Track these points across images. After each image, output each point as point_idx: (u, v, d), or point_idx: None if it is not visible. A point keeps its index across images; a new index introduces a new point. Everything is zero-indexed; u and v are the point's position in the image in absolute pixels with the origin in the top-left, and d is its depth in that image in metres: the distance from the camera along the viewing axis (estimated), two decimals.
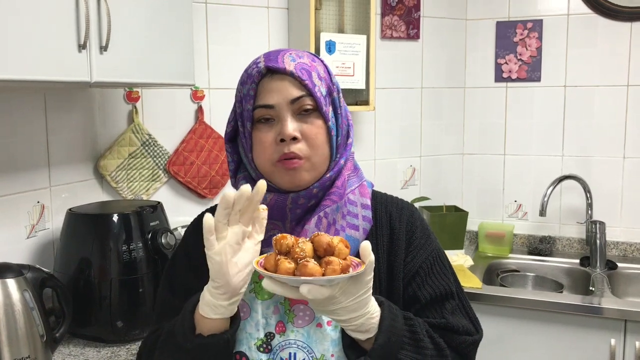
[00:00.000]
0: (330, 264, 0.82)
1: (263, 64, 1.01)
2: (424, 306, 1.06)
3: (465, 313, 1.09)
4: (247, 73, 1.04)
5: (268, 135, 1.01)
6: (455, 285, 1.11)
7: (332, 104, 1.05)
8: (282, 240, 0.86)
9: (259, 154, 1.03)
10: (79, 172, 1.92)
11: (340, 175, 1.07)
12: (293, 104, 1.00)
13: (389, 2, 2.48)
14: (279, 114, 1.00)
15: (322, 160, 1.03)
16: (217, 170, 2.17)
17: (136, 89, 2.03)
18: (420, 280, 1.07)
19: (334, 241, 0.85)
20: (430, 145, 2.70)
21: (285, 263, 0.83)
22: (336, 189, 1.05)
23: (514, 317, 2.06)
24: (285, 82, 1.00)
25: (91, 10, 1.34)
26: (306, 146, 1.01)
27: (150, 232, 1.67)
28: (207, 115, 2.17)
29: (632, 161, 2.49)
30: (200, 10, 2.13)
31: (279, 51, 1.04)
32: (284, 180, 1.02)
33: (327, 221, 1.03)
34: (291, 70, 1.00)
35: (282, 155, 1.00)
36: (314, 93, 1.00)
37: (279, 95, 1.00)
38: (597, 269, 2.36)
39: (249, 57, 2.29)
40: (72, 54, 1.31)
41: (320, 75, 1.03)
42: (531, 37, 2.58)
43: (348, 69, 2.23)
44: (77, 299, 1.59)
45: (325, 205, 1.03)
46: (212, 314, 0.92)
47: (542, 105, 2.61)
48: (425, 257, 1.09)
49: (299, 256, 0.83)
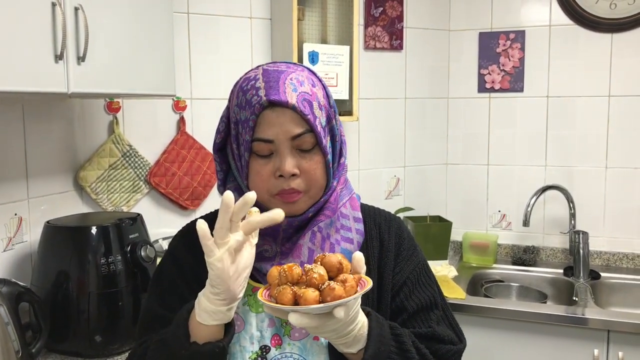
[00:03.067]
0: (347, 281, 0.83)
1: (264, 92, 0.97)
2: (410, 316, 1.07)
3: (449, 323, 1.11)
4: (245, 98, 0.99)
5: (266, 168, 0.99)
6: (439, 295, 1.13)
7: (330, 132, 1.04)
8: (293, 271, 0.85)
9: (256, 184, 1.01)
10: (58, 183, 1.89)
11: (333, 192, 1.07)
12: (293, 140, 0.98)
13: (372, 13, 2.48)
14: (278, 148, 0.98)
15: (319, 190, 1.03)
16: (199, 181, 2.15)
17: (117, 100, 2.01)
18: (407, 290, 1.09)
19: (341, 258, 0.86)
20: (414, 155, 2.71)
21: (310, 292, 0.82)
22: (329, 204, 1.06)
23: (498, 327, 2.05)
24: (287, 117, 0.97)
25: (68, 20, 1.32)
26: (304, 181, 1.00)
27: (129, 245, 1.65)
28: (189, 126, 2.16)
29: (614, 171, 2.51)
30: (182, 20, 2.12)
31: (279, 73, 1.00)
32: (281, 209, 1.01)
33: (322, 235, 1.03)
34: (293, 104, 0.96)
35: (281, 191, 0.99)
36: (314, 128, 0.98)
37: (279, 130, 0.97)
38: (581, 278, 2.37)
39: (231, 68, 2.29)
40: (49, 64, 1.29)
41: (320, 104, 1.01)
42: (514, 48, 2.60)
43: (331, 79, 2.23)
44: (55, 313, 1.57)
45: (319, 220, 1.04)
46: (210, 320, 0.91)
47: (525, 116, 2.62)
48: (412, 268, 1.11)
49: (320, 281, 0.83)
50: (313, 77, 1.05)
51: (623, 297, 2.35)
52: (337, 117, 1.06)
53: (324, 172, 1.03)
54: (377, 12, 2.49)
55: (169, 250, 1.16)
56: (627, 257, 2.50)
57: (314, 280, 0.83)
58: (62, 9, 1.30)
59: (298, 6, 2.14)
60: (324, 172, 1.03)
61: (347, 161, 1.12)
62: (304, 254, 1.02)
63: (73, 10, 1.34)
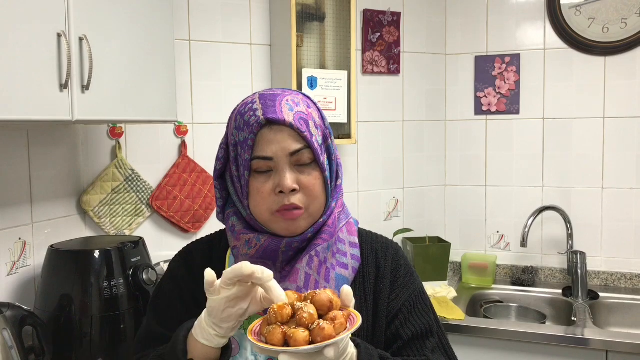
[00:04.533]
0: (336, 319, 0.83)
1: (261, 112, 1.00)
2: (405, 343, 1.07)
3: (444, 351, 1.11)
4: (243, 120, 1.02)
5: (266, 186, 1.02)
6: (435, 323, 1.13)
7: (327, 151, 1.07)
8: (284, 311, 0.85)
9: (257, 203, 1.03)
10: (62, 207, 1.92)
11: (331, 215, 1.09)
12: (292, 156, 1.01)
13: (370, 38, 2.53)
14: (278, 165, 1.01)
15: (319, 208, 1.05)
16: (200, 204, 2.18)
17: (120, 125, 2.05)
18: (403, 318, 1.09)
19: (331, 295, 0.86)
20: (412, 177, 2.74)
21: (299, 333, 0.81)
22: (327, 228, 1.07)
23: (497, 348, 2.06)
24: (285, 134, 1.00)
25: (73, 50, 1.36)
26: (304, 196, 1.02)
27: (131, 268, 1.67)
28: (190, 150, 2.19)
29: (611, 191, 2.53)
30: (184, 47, 2.17)
31: (275, 96, 1.03)
32: (281, 227, 1.03)
33: (319, 260, 1.04)
34: (290, 122, 1.00)
35: (281, 207, 1.01)
36: (312, 145, 1.01)
37: (277, 147, 1.00)
38: (579, 299, 2.38)
39: (232, 94, 2.33)
40: (54, 93, 1.32)
41: (316, 123, 1.04)
42: (509, 71, 2.64)
43: (330, 103, 2.27)
44: (58, 336, 1.58)
45: (317, 244, 1.05)
46: (206, 342, 0.93)
47: (522, 137, 2.66)
48: (408, 295, 1.11)
49: (309, 321, 0.83)
50: (308, 100, 1.08)
51: (622, 317, 2.36)
52: (332, 139, 1.09)
53: (323, 188, 1.05)
54: (375, 37, 2.54)
55: (168, 270, 1.18)
56: (625, 277, 2.51)
57: (303, 320, 0.82)
58: (67, 39, 1.34)
59: (297, 33, 2.19)
60: (323, 188, 1.05)
61: (344, 184, 1.14)
62: (301, 278, 1.03)
63: (78, 40, 1.38)
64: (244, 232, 1.06)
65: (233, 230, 1.08)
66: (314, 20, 2.29)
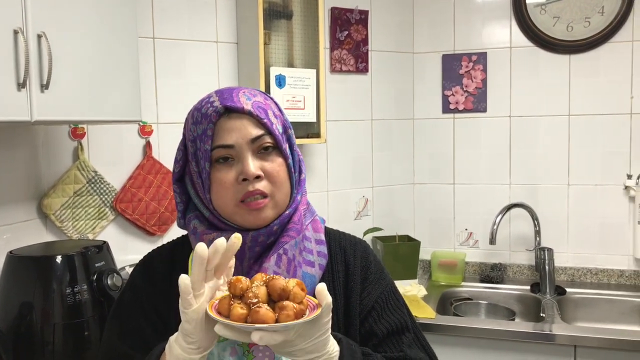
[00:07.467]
0: (284, 309, 0.81)
1: (219, 102, 1.00)
2: (381, 340, 1.06)
3: (421, 345, 1.11)
4: (200, 113, 1.02)
5: (228, 175, 1.00)
6: (409, 318, 1.12)
7: (288, 141, 1.06)
8: (237, 284, 0.84)
9: (219, 194, 1.01)
10: (22, 211, 1.85)
11: (296, 211, 1.07)
12: (253, 143, 1.00)
13: (338, 36, 2.51)
14: (239, 153, 0.99)
15: (284, 197, 1.03)
16: (166, 206, 2.13)
17: (82, 125, 1.99)
18: (376, 315, 1.08)
19: (289, 285, 0.83)
20: (381, 175, 2.73)
21: (237, 309, 0.81)
22: (293, 225, 1.05)
23: (468, 346, 2.07)
24: (244, 121, 0.99)
25: (31, 47, 1.30)
26: (269, 184, 1.00)
27: (95, 274, 1.62)
28: (155, 150, 2.14)
29: (576, 188, 2.57)
30: (147, 45, 2.11)
31: (232, 90, 1.03)
32: (247, 219, 1.01)
33: (288, 257, 1.02)
34: (249, 110, 0.99)
35: (245, 194, 0.99)
36: (272, 131, 1.00)
37: (238, 135, 0.99)
38: (547, 294, 2.41)
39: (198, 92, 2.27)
40: (11, 92, 1.27)
41: (275, 113, 1.04)
42: (476, 69, 2.66)
43: (299, 102, 2.24)
44: (18, 345, 1.52)
45: (284, 242, 1.03)
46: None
47: (489, 135, 2.68)
48: (380, 291, 1.11)
49: (252, 302, 0.82)
50: (265, 94, 1.08)
51: (588, 312, 2.40)
52: (292, 132, 1.08)
53: (287, 176, 1.03)
54: (343, 35, 2.53)
55: (129, 280, 1.14)
56: (590, 272, 2.55)
57: (247, 299, 0.82)
58: (25, 36, 1.28)
59: (264, 30, 2.16)
60: (287, 176, 1.03)
61: (314, 183, 1.12)
62: None
63: (36, 37, 1.32)
64: (206, 233, 1.03)
65: (195, 232, 1.05)
66: (282, 18, 2.26)
